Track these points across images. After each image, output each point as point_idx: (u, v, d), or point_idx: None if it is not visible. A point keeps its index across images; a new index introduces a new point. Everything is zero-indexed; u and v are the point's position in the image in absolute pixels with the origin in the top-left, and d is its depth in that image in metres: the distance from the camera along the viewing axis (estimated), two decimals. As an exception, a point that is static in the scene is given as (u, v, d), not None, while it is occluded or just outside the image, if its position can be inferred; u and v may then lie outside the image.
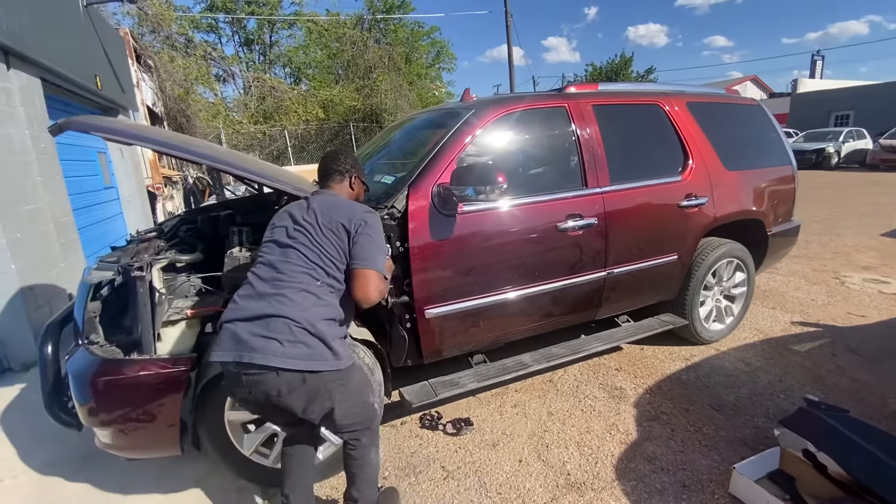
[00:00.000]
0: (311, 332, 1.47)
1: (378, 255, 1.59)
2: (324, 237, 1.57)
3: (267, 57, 19.79)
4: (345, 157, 1.85)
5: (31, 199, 3.91)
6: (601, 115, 2.71)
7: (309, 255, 1.56)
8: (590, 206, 2.56)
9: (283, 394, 1.46)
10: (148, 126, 2.19)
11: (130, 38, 8.26)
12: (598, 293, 2.72)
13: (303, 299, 1.50)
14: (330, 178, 1.83)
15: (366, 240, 1.58)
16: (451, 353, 2.46)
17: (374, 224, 1.63)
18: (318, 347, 1.48)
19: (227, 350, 1.45)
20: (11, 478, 2.29)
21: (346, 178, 1.83)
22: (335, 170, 1.82)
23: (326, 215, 1.62)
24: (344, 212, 1.62)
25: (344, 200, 1.73)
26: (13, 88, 3.90)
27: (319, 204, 1.67)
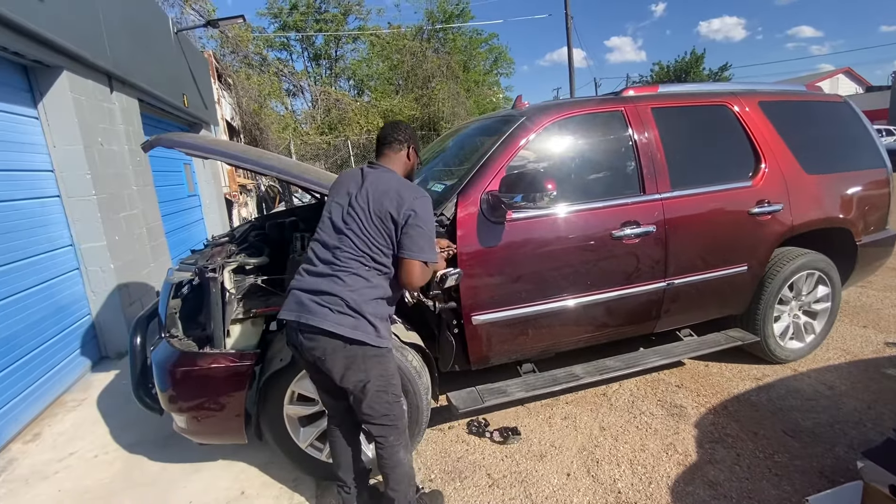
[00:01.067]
0: (357, 311, 1.61)
1: (425, 245, 1.65)
2: (372, 226, 1.65)
3: (333, 71, 20.86)
4: (405, 127, 1.86)
5: (128, 206, 4.41)
6: (661, 119, 2.59)
7: (358, 244, 1.65)
8: (648, 213, 2.45)
9: (328, 354, 1.60)
10: (222, 140, 2.43)
11: (213, 59, 9.06)
12: (657, 305, 2.59)
13: (354, 282, 1.62)
14: (388, 145, 1.81)
15: (415, 231, 1.64)
16: (499, 360, 2.45)
17: (422, 212, 1.65)
18: (363, 323, 1.61)
19: (291, 310, 1.65)
20: (104, 454, 2.58)
21: (404, 147, 1.81)
22: (395, 138, 1.81)
23: (377, 201, 1.66)
24: (394, 199, 1.65)
25: (395, 182, 1.70)
26: (116, 109, 4.43)
27: (372, 185, 1.71)
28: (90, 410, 3.09)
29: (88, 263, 3.82)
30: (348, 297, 1.59)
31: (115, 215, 4.11)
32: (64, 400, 3.30)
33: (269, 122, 11.83)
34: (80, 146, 3.66)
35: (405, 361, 2.04)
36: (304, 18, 19.08)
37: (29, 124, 3.43)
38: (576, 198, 2.39)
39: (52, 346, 3.39)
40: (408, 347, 2.11)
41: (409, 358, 2.07)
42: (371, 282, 1.63)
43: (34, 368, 3.16)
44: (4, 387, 2.84)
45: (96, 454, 2.58)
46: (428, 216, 1.68)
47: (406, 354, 2.07)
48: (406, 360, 2.05)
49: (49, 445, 2.72)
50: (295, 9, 19.19)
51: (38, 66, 3.44)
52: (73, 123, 3.61)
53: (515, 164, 2.32)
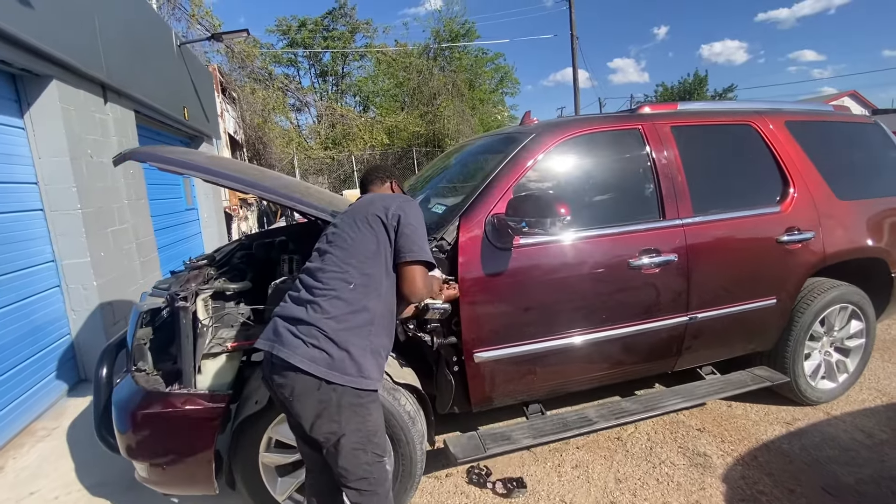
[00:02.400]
0: (335, 342, 1.37)
1: (423, 244, 1.50)
2: (358, 231, 1.50)
3: (339, 87, 21.01)
4: (383, 168, 1.89)
5: (118, 220, 4.23)
6: (682, 138, 2.39)
7: (342, 256, 1.48)
8: (668, 240, 2.23)
9: (296, 395, 1.38)
10: (207, 155, 2.26)
11: (218, 73, 9.03)
12: (678, 341, 2.35)
13: (334, 306, 1.40)
14: (371, 182, 1.84)
15: (409, 230, 1.49)
16: (504, 401, 2.21)
17: (412, 213, 1.53)
18: (341, 359, 1.37)
19: (267, 339, 1.46)
20: (65, 495, 2.33)
21: (386, 182, 1.84)
22: (375, 176, 1.85)
23: (362, 210, 1.57)
24: (379, 204, 1.55)
25: (380, 195, 1.68)
26: (109, 120, 4.29)
27: (357, 203, 1.68)
28: (58, 442, 2.85)
29: (70, 280, 3.62)
30: (326, 326, 1.36)
31: (103, 230, 3.92)
32: (34, 429, 3.07)
33: (272, 136, 11.77)
34: (66, 158, 3.50)
35: (397, 406, 1.81)
36: (312, 36, 19.29)
37: (13, 134, 3.28)
38: (589, 223, 2.18)
39: (27, 369, 3.17)
40: (401, 389, 1.88)
41: (401, 401, 1.83)
42: (354, 305, 1.40)
43: (4, 393, 2.94)
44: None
45: (57, 495, 2.34)
46: (418, 218, 1.54)
47: (398, 397, 1.83)
48: (398, 403, 1.82)
49: (10, 482, 2.48)
50: (303, 26, 19.43)
51: (26, 74, 3.31)
52: (61, 134, 3.46)
53: (525, 185, 2.11)
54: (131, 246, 4.46)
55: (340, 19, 19.03)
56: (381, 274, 1.45)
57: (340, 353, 1.35)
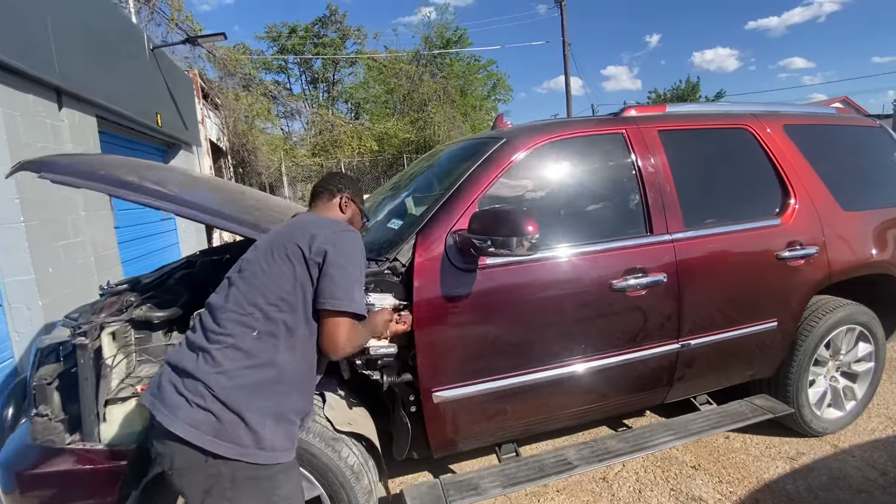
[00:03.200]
0: (225, 404, 1.09)
1: (352, 290, 1.21)
2: (272, 263, 1.22)
3: (331, 94, 20.80)
4: (339, 177, 1.57)
5: (72, 233, 3.94)
6: (670, 144, 2.15)
7: (248, 295, 1.20)
8: (656, 257, 1.98)
9: (177, 468, 1.11)
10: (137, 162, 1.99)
11: (199, 78, 8.78)
12: (669, 371, 2.09)
13: (227, 359, 1.13)
14: (317, 197, 1.53)
15: (335, 270, 1.20)
16: (470, 445, 1.94)
17: (344, 248, 1.25)
18: (232, 425, 1.09)
19: (150, 393, 1.20)
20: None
21: (336, 197, 1.51)
22: (324, 188, 1.52)
23: (283, 236, 1.27)
24: (305, 232, 1.25)
25: (315, 219, 1.38)
26: (64, 126, 4.02)
27: (283, 226, 1.37)
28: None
29: (12, 300, 3.33)
30: (214, 383, 1.10)
31: (52, 244, 3.64)
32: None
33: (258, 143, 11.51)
34: (7, 167, 3.21)
35: (337, 459, 1.53)
36: (302, 42, 19.11)
37: (-54, 142, 3.01)
38: (566, 239, 1.93)
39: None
40: (344, 438, 1.61)
41: (343, 454, 1.56)
42: (258, 358, 1.14)
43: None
44: None
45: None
46: (352, 256, 1.24)
47: (340, 449, 1.56)
48: (339, 457, 1.54)
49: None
50: (294, 32, 19.25)
51: (-40, 77, 3.04)
52: (2, 142, 3.18)
53: (494, 198, 1.86)
54: (88, 260, 4.17)
55: (331, 26, 18.88)
56: (297, 321, 1.18)
57: (231, 418, 1.08)
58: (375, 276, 1.66)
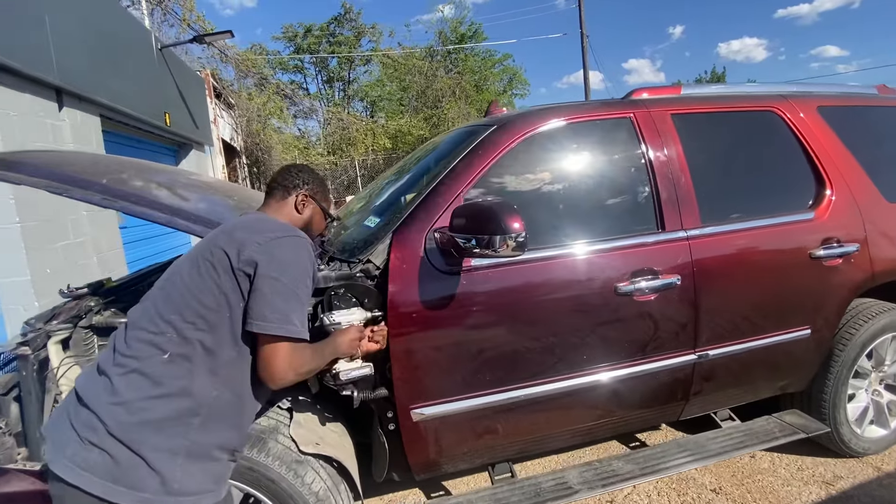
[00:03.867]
0: (121, 441, 0.92)
1: (288, 310, 1.03)
2: (195, 274, 1.03)
3: (346, 93, 20.83)
4: (296, 171, 1.35)
5: (72, 233, 3.91)
6: (686, 129, 1.91)
7: (162, 311, 1.02)
8: (668, 257, 1.75)
9: None
10: (84, 155, 1.84)
11: (211, 78, 8.80)
12: (684, 385, 1.86)
13: (127, 387, 0.96)
14: (269, 194, 1.33)
15: (267, 286, 1.02)
16: (456, 466, 1.75)
17: (281, 257, 1.05)
18: (131, 466, 0.92)
19: (48, 423, 1.07)
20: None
21: (290, 194, 1.30)
22: (278, 184, 1.32)
23: (211, 241, 1.08)
24: (236, 236, 1.07)
25: (253, 221, 1.18)
26: (65, 126, 3.99)
27: (219, 228, 1.17)
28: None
29: (8, 301, 3.30)
30: (109, 418, 0.93)
31: (50, 245, 3.60)
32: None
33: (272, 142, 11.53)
34: (1, 167, 3.17)
35: (300, 485, 1.37)
36: (318, 41, 19.17)
37: (-59, 143, 2.98)
38: (565, 237, 1.72)
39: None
40: (311, 460, 1.44)
41: (307, 479, 1.39)
42: (167, 387, 0.96)
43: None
44: None
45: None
46: (290, 268, 1.05)
47: (303, 473, 1.39)
48: (302, 482, 1.38)
49: None
50: (309, 32, 19.32)
51: (-47, 77, 3.01)
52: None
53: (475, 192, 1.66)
54: (90, 261, 4.14)
55: (346, 24, 18.88)
56: (220, 342, 1.01)
57: (129, 458, 0.92)
58: (347, 279, 1.49)
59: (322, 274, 1.50)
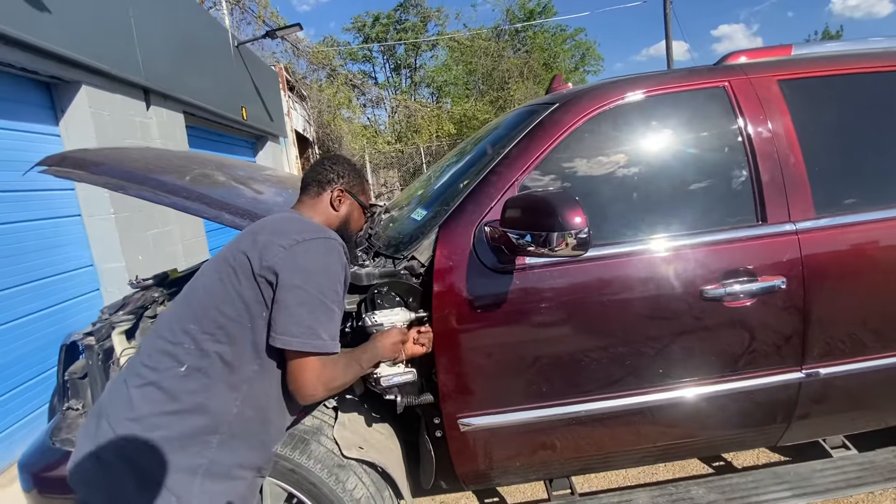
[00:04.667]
0: (135, 460, 0.89)
1: (315, 322, 0.95)
2: (216, 280, 0.97)
3: (413, 79, 20.93)
4: (331, 164, 1.25)
5: (160, 223, 4.26)
6: (797, 97, 1.57)
7: (182, 319, 0.96)
8: (770, 255, 1.46)
9: None
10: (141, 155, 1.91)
11: (284, 72, 9.19)
12: (786, 407, 1.56)
13: (143, 400, 0.92)
14: (303, 191, 1.24)
15: (290, 297, 0.94)
16: (508, 480, 1.62)
17: (305, 263, 0.97)
18: (145, 487, 0.90)
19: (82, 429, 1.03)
20: None
21: (325, 190, 1.21)
22: (312, 179, 1.23)
23: (235, 243, 1.02)
24: (259, 238, 0.99)
25: (278, 221, 1.09)
26: (151, 123, 4.32)
27: (247, 227, 1.10)
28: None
29: (108, 284, 3.66)
30: (124, 432, 0.89)
31: (142, 233, 3.94)
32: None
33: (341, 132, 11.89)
34: (97, 163, 3.49)
35: (340, 491, 1.31)
36: (385, 30, 19.36)
37: (49, 142, 3.32)
38: (640, 231, 1.48)
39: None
40: (353, 465, 1.38)
41: (348, 484, 1.33)
42: (183, 402, 0.91)
43: (36, 396, 2.99)
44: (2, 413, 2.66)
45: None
46: (317, 272, 0.96)
47: (345, 478, 1.34)
48: (343, 488, 1.32)
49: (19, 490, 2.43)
50: (377, 21, 19.57)
51: (57, 82, 3.33)
52: (91, 139, 3.45)
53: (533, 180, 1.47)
54: (176, 248, 4.50)
55: (412, 10, 18.84)
56: (241, 356, 0.94)
57: (145, 481, 0.89)
58: (391, 276, 1.40)
59: (366, 270, 1.41)
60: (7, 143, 2.91)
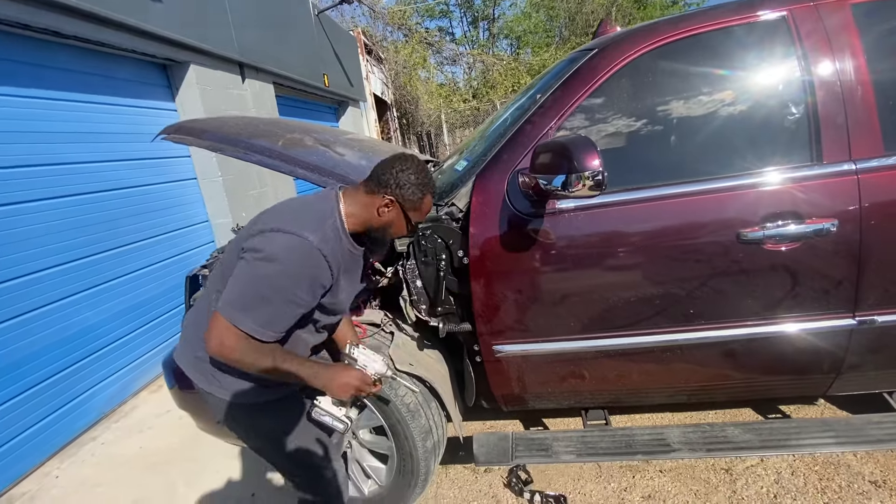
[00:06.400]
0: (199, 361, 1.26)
1: (240, 295, 1.07)
2: (230, 251, 1.22)
3: (491, 31, 20.18)
4: (400, 171, 1.18)
5: (258, 184, 4.85)
6: (874, 22, 1.42)
7: (213, 279, 1.29)
8: (823, 197, 1.40)
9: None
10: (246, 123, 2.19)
11: (362, 35, 9.46)
12: (834, 355, 1.52)
13: (199, 308, 1.31)
14: (368, 177, 1.23)
15: (239, 268, 1.11)
16: (542, 404, 1.79)
17: (265, 250, 1.07)
18: (203, 364, 1.25)
19: (186, 320, 1.42)
20: (188, 417, 2.85)
21: (378, 192, 1.19)
22: (377, 173, 1.20)
23: (249, 225, 1.24)
24: (259, 223, 1.16)
25: (288, 210, 1.19)
26: (247, 95, 4.84)
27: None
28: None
29: (220, 238, 4.32)
30: (190, 327, 1.32)
31: (244, 193, 4.54)
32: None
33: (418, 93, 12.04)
34: (206, 134, 4.06)
35: (394, 397, 1.59)
36: (461, -20, 18.71)
37: (169, 116, 3.93)
38: (676, 173, 1.49)
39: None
40: (403, 377, 1.64)
41: (399, 392, 1.60)
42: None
43: (166, 329, 3.71)
44: (139, 343, 3.39)
45: (182, 416, 2.86)
46: (269, 259, 1.07)
47: (397, 387, 1.60)
48: (395, 395, 1.59)
49: (161, 398, 3.14)
50: (453, -28, 18.94)
51: (171, 63, 3.88)
52: (200, 112, 4.01)
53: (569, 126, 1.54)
54: (272, 206, 5.10)
55: (489, -44, 17.90)
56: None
57: (202, 357, 1.23)
58: (433, 221, 1.58)
59: (413, 215, 1.61)
60: (137, 118, 3.50)
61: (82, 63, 3.07)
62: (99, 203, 3.09)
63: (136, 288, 3.40)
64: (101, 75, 3.22)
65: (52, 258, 2.73)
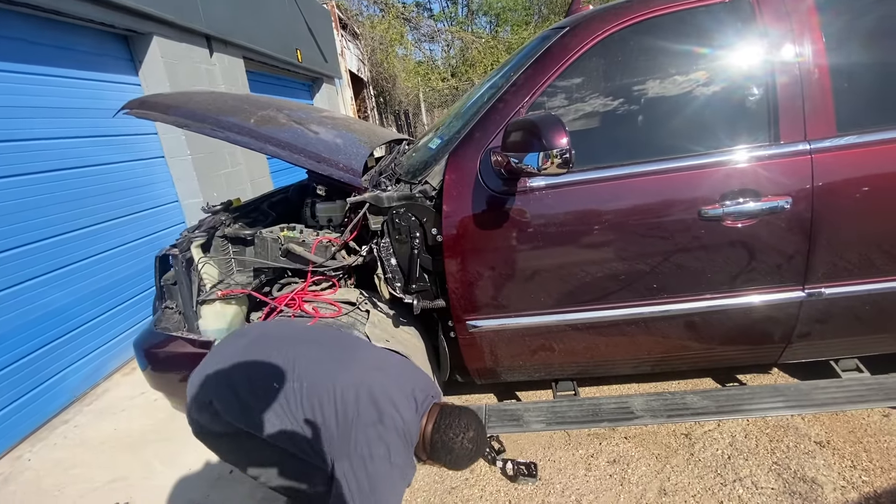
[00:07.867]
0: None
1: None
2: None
3: (469, 8, 19.81)
4: (455, 435, 1.34)
5: (230, 163, 4.72)
6: (834, 6, 1.47)
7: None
8: (780, 175, 1.46)
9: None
10: (213, 98, 2.13)
11: (336, 9, 9.16)
12: (785, 325, 1.62)
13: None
14: (435, 406, 1.42)
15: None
16: (514, 377, 1.85)
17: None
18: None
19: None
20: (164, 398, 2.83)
21: (428, 430, 1.35)
22: (441, 420, 1.36)
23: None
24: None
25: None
26: (216, 70, 4.66)
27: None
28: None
29: (190, 218, 4.21)
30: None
31: (215, 172, 4.42)
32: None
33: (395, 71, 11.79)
34: (172, 109, 3.91)
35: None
36: (439, -46, 18.18)
37: (131, 91, 3.75)
38: (642, 152, 1.53)
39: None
40: (378, 353, 1.68)
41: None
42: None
43: (138, 311, 3.63)
44: (110, 325, 3.32)
45: (156, 398, 2.84)
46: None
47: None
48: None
49: (135, 380, 3.10)
50: (431, -56, 18.39)
51: (132, 34, 3.69)
52: (165, 86, 3.85)
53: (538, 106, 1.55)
54: (245, 186, 4.99)
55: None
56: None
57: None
58: (407, 199, 1.59)
59: (386, 194, 1.62)
60: (96, 92, 3.34)
61: (37, 33, 2.90)
62: (61, 182, 2.96)
63: (106, 269, 3.31)
64: (58, 46, 3.05)
65: (15, 238, 2.63)
